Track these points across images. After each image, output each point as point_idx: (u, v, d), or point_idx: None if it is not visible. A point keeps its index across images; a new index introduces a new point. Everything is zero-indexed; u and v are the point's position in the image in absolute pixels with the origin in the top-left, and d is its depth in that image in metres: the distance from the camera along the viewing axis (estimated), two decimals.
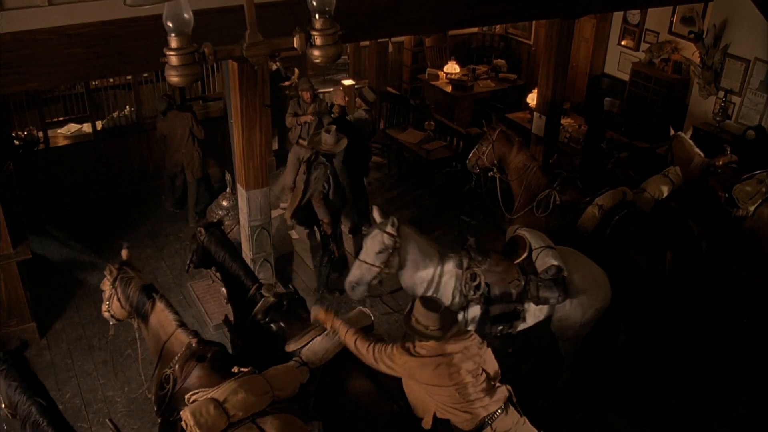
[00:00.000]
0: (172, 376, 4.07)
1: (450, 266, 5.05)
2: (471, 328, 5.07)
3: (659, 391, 5.99)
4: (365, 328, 4.56)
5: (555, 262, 5.18)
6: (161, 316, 4.32)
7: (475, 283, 5.02)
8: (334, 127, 6.84)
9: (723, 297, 5.82)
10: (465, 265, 5.05)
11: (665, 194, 6.42)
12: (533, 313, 5.29)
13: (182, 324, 4.28)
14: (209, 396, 3.70)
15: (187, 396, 3.82)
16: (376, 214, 4.96)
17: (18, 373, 3.66)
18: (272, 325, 4.64)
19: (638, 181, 6.71)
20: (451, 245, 7.60)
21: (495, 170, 6.94)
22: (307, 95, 8.33)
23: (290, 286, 5.17)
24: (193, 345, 4.09)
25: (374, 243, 4.83)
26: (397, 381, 4.25)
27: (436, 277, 5.02)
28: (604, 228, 6.14)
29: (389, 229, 4.80)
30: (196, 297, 7.14)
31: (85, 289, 7.33)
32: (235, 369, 3.97)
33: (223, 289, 6.95)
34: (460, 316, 5.06)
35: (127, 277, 4.47)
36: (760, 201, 6.36)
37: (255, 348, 4.73)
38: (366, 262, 4.86)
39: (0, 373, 3.67)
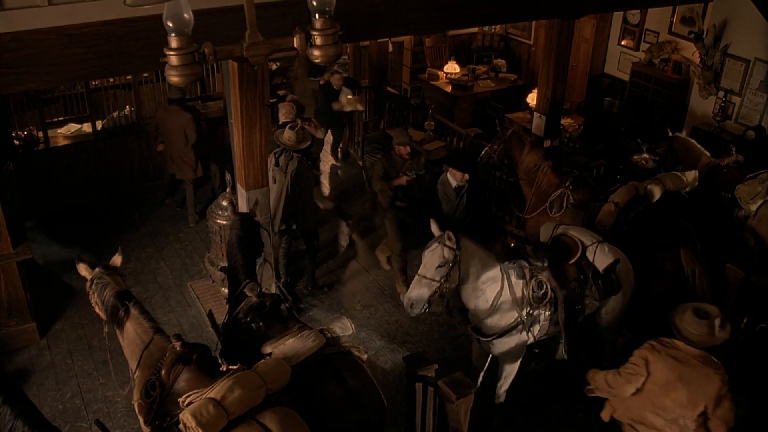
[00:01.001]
0: (158, 383, 4.05)
1: (513, 277, 4.99)
2: (536, 329, 5.12)
3: None
4: (345, 336, 4.56)
5: (613, 257, 5.25)
6: (136, 323, 4.30)
7: (542, 291, 4.99)
8: (298, 124, 6.74)
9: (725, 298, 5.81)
10: (528, 274, 4.99)
11: (659, 193, 6.40)
12: (589, 308, 5.35)
13: (159, 330, 4.27)
14: (207, 396, 3.70)
15: (181, 399, 3.81)
16: (433, 228, 4.83)
17: None
18: (252, 325, 4.63)
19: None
20: None
21: (505, 170, 6.98)
22: (406, 150, 6.95)
23: (276, 284, 5.13)
24: (178, 349, 4.06)
25: (434, 257, 4.68)
26: (369, 391, 4.24)
27: (504, 289, 4.95)
28: (621, 225, 6.14)
29: (448, 242, 4.67)
30: (196, 297, 7.14)
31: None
32: (224, 368, 3.98)
33: (224, 289, 7.01)
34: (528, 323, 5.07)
35: (102, 282, 4.42)
36: (761, 201, 6.35)
37: (234, 347, 4.73)
38: (426, 277, 4.71)
39: None
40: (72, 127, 8.88)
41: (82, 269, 4.56)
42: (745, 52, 8.63)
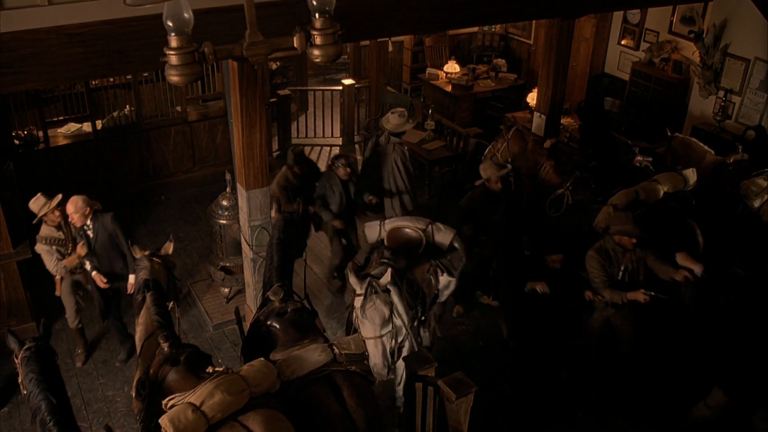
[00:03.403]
0: (147, 382, 4.08)
1: (391, 286, 4.75)
2: (431, 326, 5.09)
3: (659, 391, 5.99)
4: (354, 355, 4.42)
5: (451, 232, 5.20)
6: (146, 313, 4.41)
7: (414, 290, 4.88)
8: (402, 109, 6.87)
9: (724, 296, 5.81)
10: (396, 279, 4.75)
11: (660, 194, 6.39)
12: (443, 289, 5.29)
13: (162, 325, 4.30)
14: (186, 401, 3.67)
15: (164, 402, 3.79)
16: (352, 280, 4.53)
17: (37, 364, 3.68)
18: (270, 329, 4.63)
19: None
20: None
21: (509, 167, 6.97)
22: (630, 242, 5.41)
23: (306, 293, 5.08)
24: (165, 350, 4.08)
25: (378, 312, 4.40)
26: (367, 413, 4.11)
27: (396, 304, 4.71)
28: None
29: (380, 286, 4.40)
30: (196, 297, 7.14)
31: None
32: (209, 369, 3.97)
33: (224, 289, 7.01)
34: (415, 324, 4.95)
35: (141, 265, 4.76)
36: (766, 198, 6.33)
37: (252, 347, 4.71)
38: (380, 337, 4.42)
39: (21, 361, 3.72)
40: (72, 127, 8.88)
41: (136, 251, 5.02)
42: (745, 52, 8.64)
